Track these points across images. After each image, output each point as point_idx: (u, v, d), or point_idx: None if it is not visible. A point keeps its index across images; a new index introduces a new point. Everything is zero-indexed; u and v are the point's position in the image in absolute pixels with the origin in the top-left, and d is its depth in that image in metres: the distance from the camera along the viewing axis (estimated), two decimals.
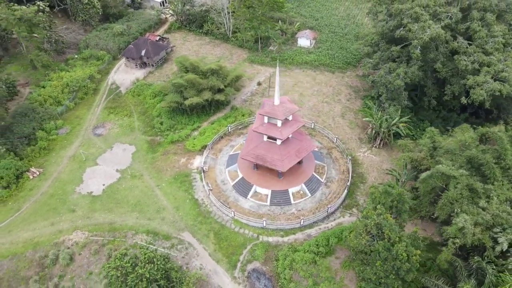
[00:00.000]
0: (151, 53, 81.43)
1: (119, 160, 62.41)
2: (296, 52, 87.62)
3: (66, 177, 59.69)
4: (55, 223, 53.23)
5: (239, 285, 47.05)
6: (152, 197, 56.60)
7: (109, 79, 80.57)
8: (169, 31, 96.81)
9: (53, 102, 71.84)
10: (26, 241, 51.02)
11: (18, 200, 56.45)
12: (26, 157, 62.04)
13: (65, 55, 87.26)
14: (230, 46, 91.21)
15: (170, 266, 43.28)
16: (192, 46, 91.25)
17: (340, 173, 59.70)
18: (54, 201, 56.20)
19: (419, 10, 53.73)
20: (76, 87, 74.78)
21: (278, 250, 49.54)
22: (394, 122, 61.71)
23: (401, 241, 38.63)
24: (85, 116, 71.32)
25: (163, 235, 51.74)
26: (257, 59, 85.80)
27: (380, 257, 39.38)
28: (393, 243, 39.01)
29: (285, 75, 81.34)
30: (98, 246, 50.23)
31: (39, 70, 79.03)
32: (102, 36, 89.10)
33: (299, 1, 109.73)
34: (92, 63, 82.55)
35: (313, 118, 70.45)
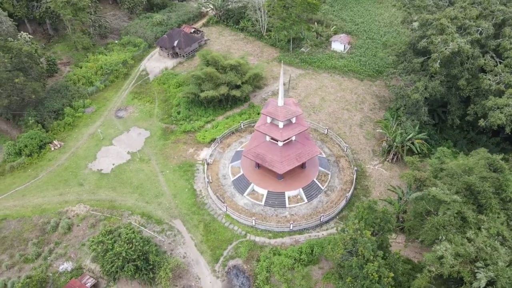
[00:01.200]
0: (182, 44, 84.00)
1: (133, 143, 65.39)
2: (327, 56, 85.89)
3: (82, 153, 63.72)
4: (63, 194, 57.17)
5: (217, 279, 47.58)
6: (154, 182, 58.76)
7: (141, 65, 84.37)
8: (207, 24, 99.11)
9: (85, 82, 76.79)
10: (35, 207, 55.36)
11: (37, 168, 61.30)
12: (52, 130, 67.07)
13: (107, 40, 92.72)
14: (263, 44, 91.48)
15: (148, 249, 44.77)
16: (225, 41, 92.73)
17: (343, 183, 57.91)
18: (67, 173, 60.32)
19: (445, 22, 50.28)
20: (109, 70, 79.23)
21: (262, 251, 49.35)
22: (409, 137, 58.59)
23: (375, 260, 36.88)
24: (111, 98, 75.47)
25: (156, 220, 53.62)
26: (286, 59, 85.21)
27: (352, 274, 37.92)
28: (367, 261, 37.35)
29: (310, 78, 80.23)
30: (95, 220, 53.24)
31: (79, 51, 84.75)
32: (142, 24, 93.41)
33: (343, 4, 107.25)
34: (128, 49, 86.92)
35: (329, 124, 68.85)
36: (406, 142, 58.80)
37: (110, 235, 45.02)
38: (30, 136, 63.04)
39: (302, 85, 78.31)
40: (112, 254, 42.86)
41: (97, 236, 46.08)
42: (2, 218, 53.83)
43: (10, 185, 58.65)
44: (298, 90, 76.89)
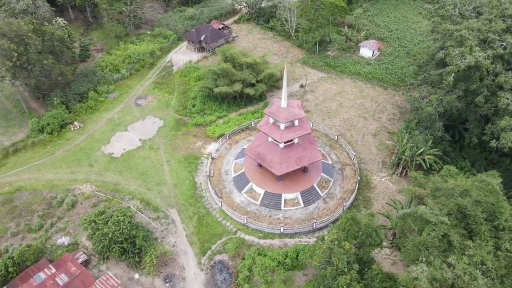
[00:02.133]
0: (209, 39, 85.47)
1: (146, 130, 67.67)
2: (352, 61, 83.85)
3: (98, 136, 66.89)
4: (74, 173, 60.41)
5: (201, 271, 48.28)
6: (158, 170, 60.51)
7: (168, 57, 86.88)
8: (238, 21, 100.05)
9: (112, 69, 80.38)
10: (47, 181, 58.98)
11: (55, 146, 65.18)
12: (74, 111, 70.97)
13: (141, 30, 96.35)
14: (290, 45, 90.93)
15: (135, 234, 46.29)
16: (253, 39, 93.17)
17: (344, 191, 56.46)
18: (81, 153, 63.64)
19: (466, 34, 47.28)
20: (136, 60, 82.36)
21: (248, 249, 49.39)
22: (419, 152, 55.94)
23: (348, 273, 35.81)
24: (134, 86, 78.44)
25: (154, 207, 55.26)
26: (310, 61, 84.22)
27: (325, 284, 37.10)
28: (340, 273, 36.35)
29: (331, 82, 78.74)
30: (97, 201, 55.81)
31: (112, 39, 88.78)
32: (175, 17, 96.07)
33: (380, 9, 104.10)
34: (158, 41, 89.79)
35: (342, 130, 67.29)
36: (416, 156, 56.21)
37: (102, 215, 47.08)
38: (53, 115, 67.14)
39: (322, 89, 77.04)
40: (100, 234, 44.86)
41: (90, 215, 48.34)
42: (17, 189, 57.90)
43: (29, 159, 62.88)
44: (317, 94, 75.75)
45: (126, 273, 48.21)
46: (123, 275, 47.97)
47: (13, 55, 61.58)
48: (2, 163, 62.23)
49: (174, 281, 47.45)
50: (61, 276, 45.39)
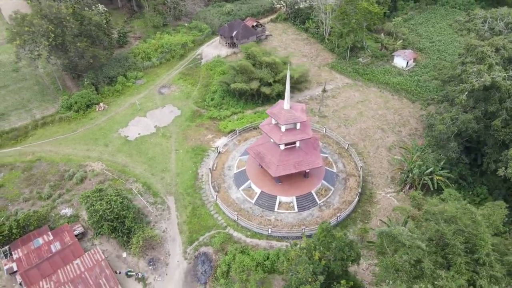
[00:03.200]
0: (240, 35, 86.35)
1: (163, 118, 70.09)
2: (383, 70, 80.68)
3: (118, 119, 70.41)
4: (90, 150, 64.19)
5: (184, 260, 49.37)
6: (166, 157, 62.52)
7: (199, 50, 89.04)
8: (275, 20, 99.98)
9: (144, 56, 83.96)
10: (64, 155, 63.22)
11: (79, 124, 69.59)
12: (102, 93, 75.19)
13: (179, 22, 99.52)
14: (322, 48, 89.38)
15: (125, 214, 48.26)
16: (286, 39, 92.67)
17: (342, 202, 54.77)
18: (99, 133, 67.39)
19: (488, 51, 43.64)
20: (168, 50, 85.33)
21: (234, 245, 49.68)
22: (428, 172, 52.78)
23: (310, 284, 34.93)
24: (161, 75, 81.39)
25: (153, 192, 57.29)
26: (339, 67, 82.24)
27: None
28: (304, 282, 35.56)
29: (356, 90, 76.42)
30: (104, 179, 58.94)
31: (150, 29, 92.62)
32: (213, 12, 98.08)
33: (426, 18, 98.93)
34: (193, 33, 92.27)
35: (356, 140, 65.20)
36: (424, 176, 53.09)
37: (98, 193, 49.68)
38: (81, 95, 71.69)
39: (345, 96, 75.02)
40: (92, 210, 47.45)
41: (87, 191, 51.19)
42: (37, 158, 62.67)
43: (53, 133, 67.72)
44: (338, 100, 73.91)
45: (115, 250, 50.58)
46: (113, 252, 50.38)
47: (50, 35, 66.52)
48: (30, 133, 67.61)
49: (157, 265, 48.99)
50: (56, 244, 48.67)
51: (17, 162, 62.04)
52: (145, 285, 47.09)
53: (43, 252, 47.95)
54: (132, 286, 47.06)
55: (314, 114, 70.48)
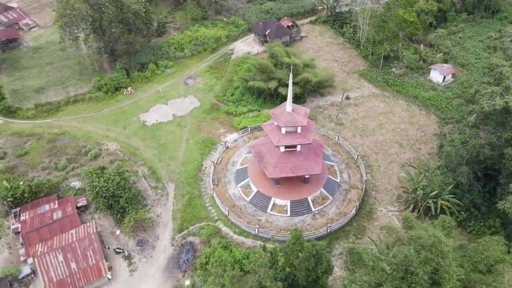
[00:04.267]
0: (272, 34, 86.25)
1: (182, 108, 72.24)
2: (416, 83, 76.53)
3: (141, 104, 73.70)
4: (109, 130, 67.95)
5: (171, 246, 50.88)
6: (176, 146, 64.49)
7: (232, 45, 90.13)
8: (314, 22, 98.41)
9: (177, 47, 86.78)
10: (86, 132, 67.52)
11: (105, 104, 73.81)
12: (132, 78, 79.01)
13: (219, 16, 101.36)
14: (355, 54, 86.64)
15: (120, 194, 50.57)
16: (320, 42, 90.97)
17: (338, 213, 53.15)
18: (121, 115, 71.06)
19: (508, 72, 39.79)
20: (201, 42, 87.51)
21: (219, 239, 50.28)
22: (433, 194, 49.51)
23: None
24: (190, 66, 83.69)
25: (157, 177, 59.49)
26: (368, 75, 79.32)
27: None
28: (263, 286, 35.28)
29: (381, 101, 73.37)
30: (115, 158, 62.19)
31: (189, 21, 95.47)
32: (252, 9, 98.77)
33: (477, 32, 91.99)
34: (229, 28, 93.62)
35: (368, 152, 62.78)
36: (429, 198, 49.89)
37: (101, 170, 52.56)
38: (112, 78, 75.97)
39: (368, 105, 72.31)
40: (91, 186, 50.41)
41: (90, 168, 54.28)
42: (62, 132, 67.56)
43: (81, 110, 72.50)
44: (360, 109, 71.43)
45: (111, 226, 53.39)
46: (108, 228, 53.24)
47: (89, 19, 71.15)
48: (61, 108, 72.98)
49: (145, 246, 50.99)
50: (58, 213, 52.40)
51: (45, 134, 67.33)
52: (130, 264, 49.26)
53: (46, 218, 51.85)
54: (118, 262, 49.45)
55: (331, 121, 68.81)
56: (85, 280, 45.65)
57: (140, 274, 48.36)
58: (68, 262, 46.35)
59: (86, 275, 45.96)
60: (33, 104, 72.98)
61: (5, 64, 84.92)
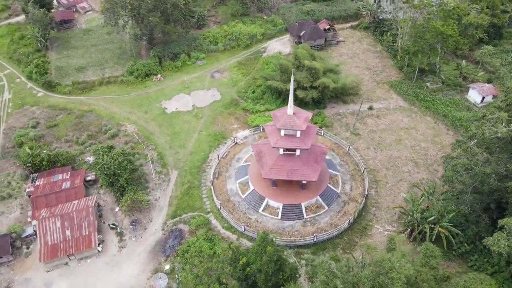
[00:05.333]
0: (307, 35, 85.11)
1: (203, 99, 74.03)
2: (450, 101, 71.67)
3: (166, 91, 76.61)
4: (131, 113, 71.57)
5: (161, 231, 52.79)
6: (189, 135, 66.39)
7: (266, 43, 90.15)
8: (355, 27, 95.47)
9: (212, 40, 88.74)
10: (110, 113, 71.70)
11: (133, 88, 77.69)
12: (163, 66, 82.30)
13: (260, 13, 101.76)
14: (391, 64, 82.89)
15: (119, 173, 53.20)
16: (357, 48, 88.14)
17: (329, 224, 51.72)
18: (145, 100, 74.46)
19: None
20: (235, 38, 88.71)
21: (206, 231, 51.31)
22: (429, 220, 46.39)
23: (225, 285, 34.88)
24: (221, 60, 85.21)
25: (164, 162, 61.78)
26: (399, 87, 75.57)
27: None
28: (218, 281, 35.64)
29: (406, 115, 69.85)
30: (130, 140, 65.43)
31: (228, 16, 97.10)
32: (293, 9, 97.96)
33: None
34: (266, 27, 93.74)
35: (379, 167, 60.22)
36: (426, 223, 46.81)
37: (108, 149, 55.76)
38: (144, 64, 79.81)
39: (390, 118, 69.11)
40: (95, 162, 53.70)
41: (99, 145, 57.60)
42: (90, 110, 72.37)
43: (111, 92, 77.02)
44: (380, 121, 68.51)
45: (112, 203, 56.50)
46: (109, 204, 56.42)
47: (128, 7, 75.21)
48: (95, 88, 78.05)
49: (137, 227, 53.41)
50: (67, 183, 56.44)
51: (75, 109, 72.56)
52: (121, 240, 51.93)
53: (56, 186, 56.12)
54: (110, 237, 52.34)
55: (347, 130, 66.74)
56: (75, 248, 48.97)
57: (128, 251, 50.81)
58: (64, 229, 49.94)
59: (77, 244, 49.26)
60: (71, 81, 78.86)
61: (57, 43, 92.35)
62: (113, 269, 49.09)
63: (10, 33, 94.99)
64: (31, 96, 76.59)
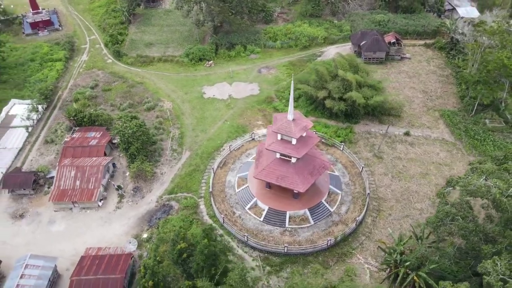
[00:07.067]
0: (366, 46, 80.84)
1: (240, 91, 75.84)
2: (504, 146, 62.15)
3: (211, 77, 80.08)
4: (174, 91, 76.65)
5: (155, 202, 56.59)
6: (213, 122, 69.01)
7: (326, 48, 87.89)
8: (429, 45, 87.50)
9: (272, 36, 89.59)
10: (156, 88, 77.69)
11: (184, 69, 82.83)
12: (217, 54, 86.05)
13: (332, 17, 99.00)
14: (453, 91, 74.76)
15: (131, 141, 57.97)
16: (421, 68, 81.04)
17: (308, 240, 49.82)
18: (190, 82, 78.96)
19: None
20: (294, 38, 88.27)
21: (191, 213, 53.66)
22: (407, 265, 41.80)
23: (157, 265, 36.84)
24: (274, 57, 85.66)
25: (181, 142, 65.48)
26: (449, 118, 67.97)
27: None
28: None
29: (445, 150, 63.26)
30: (161, 115, 70.49)
31: (297, 15, 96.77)
32: (366, 17, 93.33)
33: None
34: (332, 32, 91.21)
35: (389, 196, 55.85)
36: (401, 267, 42.39)
37: (130, 118, 61.23)
38: (200, 49, 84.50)
39: (424, 149, 62.99)
40: (115, 128, 59.49)
41: (123, 113, 63.14)
42: (141, 82, 79.37)
43: (165, 69, 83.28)
44: (411, 150, 62.94)
45: (125, 167, 62.13)
46: (123, 168, 62.12)
47: None
48: (153, 63, 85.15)
49: (137, 193, 58.01)
50: (95, 141, 63.37)
51: (130, 79, 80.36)
52: (119, 202, 57.14)
53: (86, 141, 63.50)
54: (112, 197, 57.89)
55: (370, 150, 62.58)
56: (79, 197, 55.40)
57: (121, 213, 55.74)
58: (76, 179, 56.79)
59: (81, 194, 55.65)
60: (136, 54, 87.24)
61: (140, 18, 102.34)
62: (104, 224, 54.48)
63: (107, 4, 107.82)
64: (102, 61, 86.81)
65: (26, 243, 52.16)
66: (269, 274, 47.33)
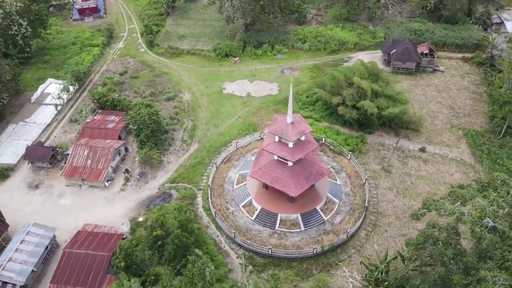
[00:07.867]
0: (396, 55, 77.80)
1: (259, 90, 76.05)
2: None
3: (234, 74, 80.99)
4: (195, 84, 78.53)
5: (156, 189, 58.57)
6: (227, 117, 69.93)
7: (355, 54, 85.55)
8: (467, 60, 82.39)
9: (301, 38, 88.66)
10: (179, 79, 79.95)
11: (210, 63, 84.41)
12: (244, 51, 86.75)
13: (368, 22, 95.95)
14: (483, 110, 70.22)
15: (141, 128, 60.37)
16: (452, 83, 76.73)
17: (295, 246, 49.30)
18: (212, 77, 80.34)
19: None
20: (323, 41, 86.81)
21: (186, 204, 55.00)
22: (386, 284, 40.12)
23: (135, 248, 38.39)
24: (300, 59, 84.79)
25: (192, 134, 67.08)
26: (474, 138, 63.92)
27: None
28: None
29: (462, 171, 60.00)
30: (179, 105, 72.61)
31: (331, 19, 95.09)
32: (403, 25, 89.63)
33: None
34: (363, 37, 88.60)
35: (389, 211, 54.00)
36: (381, 286, 40.75)
37: (144, 106, 63.62)
38: (227, 45, 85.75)
39: (439, 167, 59.90)
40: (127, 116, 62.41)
41: (140, 100, 65.65)
42: (167, 72, 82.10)
43: (191, 62, 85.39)
44: (424, 167, 60.29)
45: (136, 152, 64.72)
46: (134, 153, 64.76)
47: None
48: (181, 55, 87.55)
49: (142, 178, 60.34)
50: (112, 124, 66.64)
51: (157, 69, 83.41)
52: (124, 184, 59.80)
53: (104, 124, 66.94)
54: (119, 179, 60.68)
55: (379, 163, 60.40)
56: (87, 175, 58.70)
57: (124, 195, 58.32)
58: (88, 158, 60.19)
59: (90, 173, 58.91)
60: (167, 45, 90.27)
61: (178, 11, 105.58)
62: (107, 204, 57.35)
63: None
64: (135, 50, 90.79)
65: (36, 212, 56.19)
66: (251, 273, 47.48)
